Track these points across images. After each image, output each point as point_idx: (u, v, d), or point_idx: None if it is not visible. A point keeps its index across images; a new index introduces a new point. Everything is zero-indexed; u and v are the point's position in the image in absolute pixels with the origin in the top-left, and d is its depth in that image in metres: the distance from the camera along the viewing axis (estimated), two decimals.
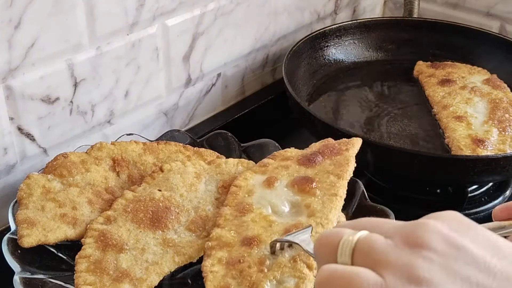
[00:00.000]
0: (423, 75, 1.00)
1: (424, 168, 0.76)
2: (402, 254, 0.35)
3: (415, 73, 1.02)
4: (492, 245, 0.36)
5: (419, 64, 1.03)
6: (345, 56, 1.06)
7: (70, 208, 0.65)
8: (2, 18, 0.64)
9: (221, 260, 0.58)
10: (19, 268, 0.59)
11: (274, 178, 0.67)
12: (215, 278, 0.57)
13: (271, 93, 1.03)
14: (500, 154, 0.75)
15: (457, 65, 1.02)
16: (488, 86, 0.94)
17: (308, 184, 0.65)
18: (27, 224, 0.62)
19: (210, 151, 0.76)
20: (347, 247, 0.37)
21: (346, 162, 0.68)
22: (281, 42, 1.04)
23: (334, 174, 0.66)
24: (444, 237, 0.35)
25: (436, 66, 1.01)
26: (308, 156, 0.69)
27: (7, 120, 0.69)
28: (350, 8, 1.17)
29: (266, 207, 0.64)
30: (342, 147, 0.70)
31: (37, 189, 0.66)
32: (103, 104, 0.79)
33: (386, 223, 0.39)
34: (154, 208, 0.65)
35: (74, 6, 0.70)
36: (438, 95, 0.93)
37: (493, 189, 0.88)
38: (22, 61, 0.68)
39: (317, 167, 0.68)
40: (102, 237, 0.61)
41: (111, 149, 0.73)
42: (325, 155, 0.69)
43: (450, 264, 0.34)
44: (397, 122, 0.91)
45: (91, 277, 0.58)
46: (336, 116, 0.93)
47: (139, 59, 0.81)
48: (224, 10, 0.89)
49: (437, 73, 0.99)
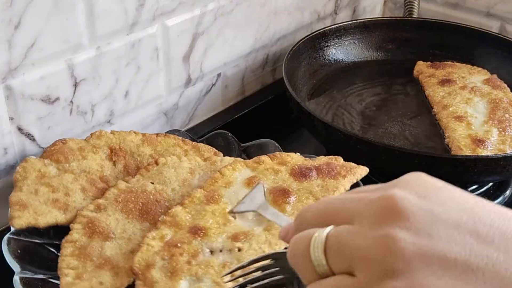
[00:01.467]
0: (423, 75, 1.00)
1: (424, 168, 0.75)
2: (373, 243, 0.34)
3: (415, 73, 1.02)
4: (463, 208, 0.35)
5: (419, 64, 1.03)
6: (345, 56, 1.06)
7: (63, 194, 0.66)
8: (2, 18, 0.64)
9: (163, 237, 0.59)
10: (19, 268, 0.59)
11: (256, 179, 0.66)
12: (147, 251, 0.58)
13: (271, 93, 1.03)
14: (500, 154, 0.75)
15: (457, 65, 1.02)
16: (488, 86, 0.94)
17: (284, 197, 0.63)
18: (19, 206, 0.63)
19: (208, 147, 0.76)
20: (319, 250, 0.36)
21: (333, 189, 0.65)
22: (281, 42, 1.04)
23: (314, 198, 0.64)
24: (413, 209, 0.35)
25: (436, 66, 1.01)
26: (302, 168, 0.67)
27: (7, 120, 0.69)
28: (350, 8, 1.17)
29: (233, 204, 0.63)
30: (341, 172, 0.67)
31: (32, 172, 0.67)
32: (103, 104, 0.79)
33: (351, 201, 0.38)
34: (145, 200, 0.65)
35: (74, 6, 0.70)
36: (438, 95, 0.93)
37: (493, 189, 0.88)
38: (22, 61, 0.68)
39: (305, 183, 0.66)
40: (90, 224, 0.62)
41: (109, 138, 0.74)
42: (320, 174, 0.67)
43: (423, 244, 0.33)
44: (397, 122, 0.91)
45: (75, 261, 0.59)
46: (336, 116, 0.93)
47: (139, 59, 0.81)
48: (224, 10, 0.89)
49: (437, 73, 0.99)
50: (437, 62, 1.02)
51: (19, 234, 0.63)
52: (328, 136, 0.81)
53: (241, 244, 0.58)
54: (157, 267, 0.56)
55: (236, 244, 0.58)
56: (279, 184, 0.65)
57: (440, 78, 0.97)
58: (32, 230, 0.66)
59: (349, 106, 0.95)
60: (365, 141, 0.77)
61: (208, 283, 0.55)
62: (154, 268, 0.56)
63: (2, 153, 0.71)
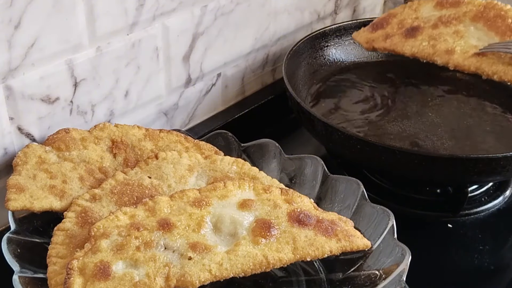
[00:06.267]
0: (377, 42, 0.93)
1: (424, 168, 0.76)
2: None
3: (365, 46, 0.95)
4: None
5: (359, 35, 0.96)
6: (345, 56, 1.06)
7: (60, 181, 0.67)
8: (2, 18, 0.64)
9: (133, 217, 0.60)
10: (19, 267, 0.59)
11: (250, 205, 0.62)
12: (111, 221, 0.59)
13: (271, 93, 1.03)
14: (500, 154, 0.75)
15: (392, 12, 0.95)
16: (449, 8, 0.90)
17: (265, 230, 0.60)
18: (16, 189, 0.64)
19: (209, 145, 0.76)
20: None
21: (318, 246, 0.60)
22: (281, 42, 1.04)
23: (294, 246, 0.59)
24: None
25: (374, 27, 0.94)
26: (302, 214, 0.62)
27: (7, 120, 0.69)
28: (350, 8, 1.17)
29: (215, 216, 0.61)
30: (338, 234, 0.62)
31: (33, 158, 0.68)
32: (103, 104, 0.79)
33: None
34: (140, 194, 0.65)
35: (74, 6, 0.70)
36: (421, 47, 0.88)
37: (493, 189, 0.88)
38: (22, 61, 0.68)
39: (295, 228, 0.61)
40: (83, 214, 0.63)
41: (112, 130, 0.74)
42: (317, 227, 0.62)
43: None
44: (397, 122, 0.91)
45: (64, 250, 0.59)
46: (336, 116, 0.93)
47: (139, 59, 0.81)
48: (224, 10, 0.89)
49: (388, 31, 0.92)
50: (368, 23, 0.97)
51: (19, 233, 0.63)
52: (328, 136, 0.81)
53: (194, 255, 0.57)
54: (110, 240, 0.57)
55: (190, 252, 0.57)
56: (266, 218, 0.61)
57: (399, 33, 0.90)
58: (32, 230, 0.66)
59: (349, 106, 0.95)
60: (365, 141, 0.77)
61: (141, 273, 0.55)
62: (106, 239, 0.57)
63: (2, 153, 0.71)
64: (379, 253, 0.64)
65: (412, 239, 0.65)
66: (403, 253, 0.61)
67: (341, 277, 0.67)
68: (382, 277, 0.61)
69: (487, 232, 0.82)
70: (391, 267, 0.61)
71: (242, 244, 0.58)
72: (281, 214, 0.62)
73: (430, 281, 0.74)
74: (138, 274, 0.55)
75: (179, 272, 0.55)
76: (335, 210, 0.69)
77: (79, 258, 0.55)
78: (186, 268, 0.55)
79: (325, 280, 0.68)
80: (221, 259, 0.57)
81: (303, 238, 0.60)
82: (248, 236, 0.59)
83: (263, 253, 0.58)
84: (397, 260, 0.61)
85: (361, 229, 0.65)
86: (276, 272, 0.69)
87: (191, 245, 0.57)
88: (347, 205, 0.70)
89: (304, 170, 0.75)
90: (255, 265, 0.57)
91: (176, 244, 0.57)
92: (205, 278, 0.55)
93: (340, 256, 0.63)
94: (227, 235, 0.60)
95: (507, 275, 0.77)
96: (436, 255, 0.78)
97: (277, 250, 0.59)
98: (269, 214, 0.62)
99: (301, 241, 0.60)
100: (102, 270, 0.54)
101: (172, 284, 0.55)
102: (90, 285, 0.54)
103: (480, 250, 0.79)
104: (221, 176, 0.70)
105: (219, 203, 0.62)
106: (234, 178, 0.69)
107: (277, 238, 0.60)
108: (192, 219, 0.60)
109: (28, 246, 0.63)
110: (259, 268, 0.57)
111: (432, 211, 0.85)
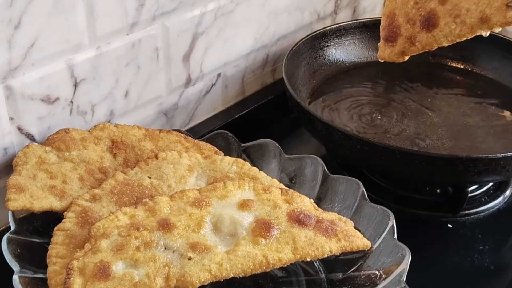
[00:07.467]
0: (408, 51, 0.84)
1: (424, 168, 0.76)
2: None
3: (401, 60, 0.86)
4: None
5: (386, 55, 0.87)
6: (345, 56, 1.06)
7: (60, 181, 0.67)
8: (2, 18, 0.64)
9: (133, 217, 0.60)
10: (19, 267, 0.59)
11: (250, 205, 0.62)
12: (111, 221, 0.58)
13: (271, 93, 1.03)
14: (500, 154, 0.75)
15: (387, 12, 0.86)
16: None
17: (265, 230, 0.60)
18: (16, 189, 0.64)
19: (209, 146, 0.76)
20: None
21: (318, 246, 0.60)
22: (281, 42, 1.04)
23: (294, 247, 0.59)
24: None
25: (389, 39, 0.85)
26: (302, 214, 0.62)
27: (7, 120, 0.69)
28: (350, 8, 1.17)
29: (215, 216, 0.61)
30: (338, 234, 0.62)
31: (33, 158, 0.68)
32: (103, 104, 0.79)
33: None
34: (139, 194, 0.65)
35: (74, 6, 0.70)
36: (453, 32, 0.80)
37: (493, 189, 0.88)
38: (22, 61, 0.68)
39: (295, 228, 0.61)
40: (83, 214, 0.63)
41: (112, 130, 0.74)
42: (317, 227, 0.62)
43: None
44: (397, 122, 0.91)
45: (64, 250, 0.59)
46: (336, 116, 0.93)
47: (139, 59, 0.81)
48: (224, 10, 0.89)
49: (406, 34, 0.83)
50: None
51: (19, 233, 0.63)
52: (328, 136, 0.81)
53: (194, 255, 0.57)
54: (110, 240, 0.57)
55: (190, 253, 0.57)
56: (266, 218, 0.61)
57: (419, 27, 0.81)
58: (32, 230, 0.66)
59: (349, 106, 0.95)
60: (365, 141, 0.77)
61: (141, 273, 0.55)
62: (106, 239, 0.57)
63: (2, 153, 0.71)
64: (379, 253, 0.64)
65: (412, 239, 0.65)
66: (403, 253, 0.61)
67: (341, 277, 0.67)
68: (382, 277, 0.61)
69: (487, 232, 0.82)
70: (391, 267, 0.61)
71: (242, 244, 0.58)
72: (281, 214, 0.62)
73: (430, 281, 0.74)
74: (138, 274, 0.55)
75: (179, 272, 0.55)
76: (335, 210, 0.69)
77: (79, 258, 0.56)
78: (186, 268, 0.55)
79: (325, 280, 0.68)
80: (221, 259, 0.57)
81: (303, 238, 0.60)
82: (248, 236, 0.59)
83: (263, 253, 0.58)
84: (397, 260, 0.61)
85: (361, 229, 0.65)
86: (276, 272, 0.69)
87: (191, 245, 0.57)
88: (347, 205, 0.70)
89: (304, 170, 0.75)
90: (255, 265, 0.57)
91: (176, 244, 0.57)
92: (205, 278, 0.56)
93: (340, 256, 0.63)
94: (227, 235, 0.60)
95: (507, 275, 0.77)
96: (436, 255, 0.78)
97: (277, 250, 0.59)
98: (269, 214, 0.62)
99: (301, 241, 0.60)
100: (102, 270, 0.54)
101: (172, 284, 0.55)
102: (90, 285, 0.54)
103: (480, 250, 0.79)
104: (221, 176, 0.70)
105: (219, 203, 0.62)
106: (234, 178, 0.69)
107: (277, 238, 0.60)
108: (192, 219, 0.60)
109: (28, 246, 0.63)
110: (259, 268, 0.57)
111: (432, 211, 0.85)
